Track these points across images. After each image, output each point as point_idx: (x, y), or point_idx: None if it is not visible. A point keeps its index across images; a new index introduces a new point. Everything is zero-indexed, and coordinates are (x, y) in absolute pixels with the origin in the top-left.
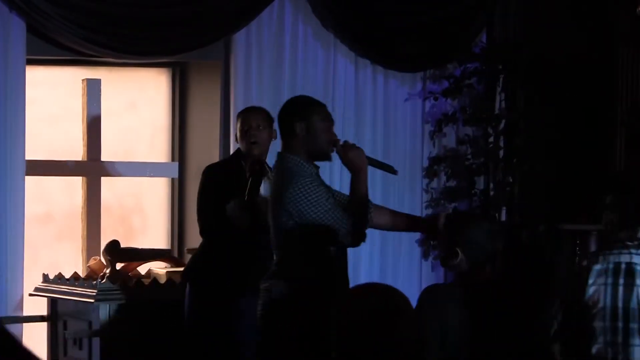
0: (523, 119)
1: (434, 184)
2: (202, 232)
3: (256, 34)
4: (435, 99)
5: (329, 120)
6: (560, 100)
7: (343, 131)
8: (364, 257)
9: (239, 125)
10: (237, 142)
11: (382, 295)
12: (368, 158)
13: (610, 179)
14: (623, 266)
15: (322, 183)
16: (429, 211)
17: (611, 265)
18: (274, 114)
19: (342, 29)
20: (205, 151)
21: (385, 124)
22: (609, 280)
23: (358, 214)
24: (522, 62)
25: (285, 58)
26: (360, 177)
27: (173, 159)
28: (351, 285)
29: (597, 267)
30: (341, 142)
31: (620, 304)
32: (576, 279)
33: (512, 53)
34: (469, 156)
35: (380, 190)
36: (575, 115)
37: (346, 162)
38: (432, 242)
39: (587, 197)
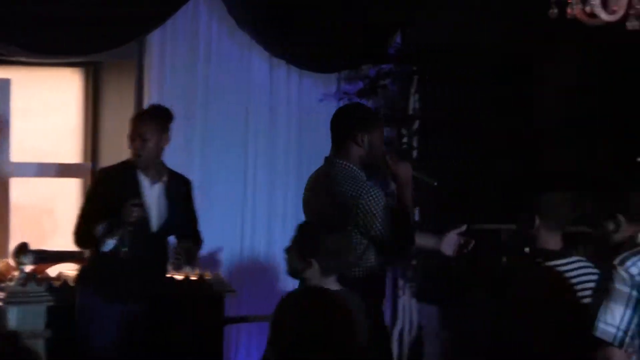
0: (437, 120)
1: None
2: (73, 238)
3: (170, 34)
4: (350, 99)
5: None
6: (475, 100)
7: (257, 131)
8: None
9: (129, 129)
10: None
11: (318, 298)
12: (413, 170)
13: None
14: None
15: None
16: None
17: None
18: (187, 114)
19: (257, 29)
20: (118, 152)
21: (300, 124)
22: None
23: (403, 224)
24: (436, 63)
25: (199, 58)
26: (407, 189)
27: (85, 160)
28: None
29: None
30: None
31: None
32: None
33: (426, 54)
34: None
35: (294, 191)
36: (491, 116)
37: (395, 174)
38: None
39: (504, 196)
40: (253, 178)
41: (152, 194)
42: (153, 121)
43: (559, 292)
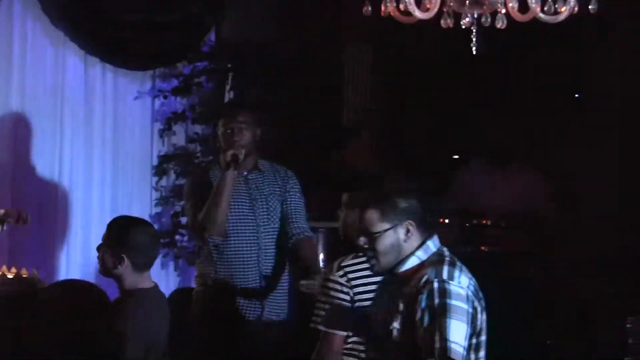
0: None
1: (164, 182)
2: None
3: None
4: (165, 97)
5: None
6: (289, 98)
7: (72, 129)
8: None
9: None
10: None
11: (80, 291)
12: None
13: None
14: None
15: None
16: (159, 209)
17: None
18: (2, 111)
19: (72, 26)
20: None
21: (115, 122)
22: None
23: None
24: (250, 60)
25: (13, 55)
26: None
27: None
28: None
29: None
30: None
31: None
32: None
33: (240, 51)
34: (199, 154)
35: (110, 188)
36: (304, 113)
37: None
38: None
39: (318, 196)
40: (69, 177)
41: None
42: None
43: None
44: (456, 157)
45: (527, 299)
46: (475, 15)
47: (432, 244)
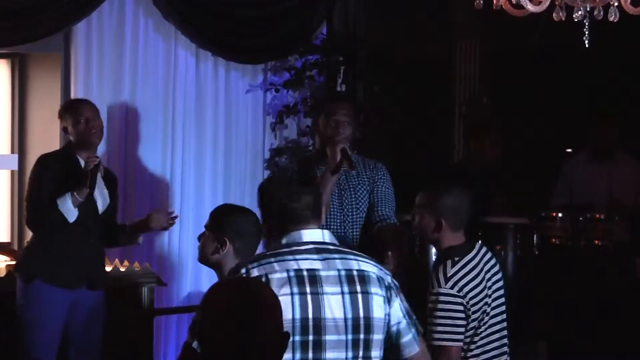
0: (363, 111)
1: None
2: (31, 224)
3: (97, 26)
4: (277, 90)
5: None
6: (401, 91)
7: (184, 124)
8: None
9: (70, 118)
10: (69, 134)
11: (245, 288)
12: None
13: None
14: None
15: None
16: None
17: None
18: (115, 105)
19: (183, 21)
20: (46, 143)
21: (227, 116)
22: (295, 290)
23: None
24: (362, 53)
25: (126, 50)
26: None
27: (13, 151)
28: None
29: (276, 275)
30: None
31: (310, 315)
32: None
33: (351, 45)
34: (310, 147)
35: (222, 182)
36: (416, 107)
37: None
38: None
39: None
40: (180, 170)
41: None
42: (92, 106)
43: None
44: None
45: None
46: (588, 8)
47: None
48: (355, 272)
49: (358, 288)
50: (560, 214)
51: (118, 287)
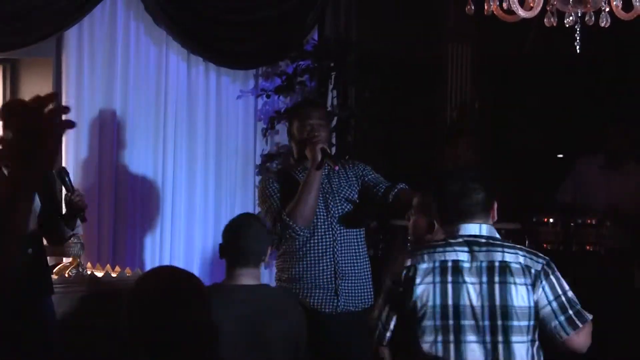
0: (355, 116)
1: None
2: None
3: (88, 31)
4: (268, 96)
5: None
6: (392, 97)
7: (176, 129)
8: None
9: None
10: None
11: (172, 277)
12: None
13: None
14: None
15: None
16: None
17: (437, 264)
18: (106, 109)
19: (174, 26)
20: None
21: (218, 121)
22: (437, 279)
23: None
24: (353, 59)
25: (117, 55)
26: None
27: None
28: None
29: (424, 266)
30: None
31: (450, 302)
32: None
33: (342, 50)
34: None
35: (213, 187)
36: (406, 112)
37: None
38: None
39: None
40: (172, 175)
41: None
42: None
43: None
44: (560, 156)
45: (630, 298)
46: (579, 14)
47: None
48: (497, 264)
49: (496, 278)
50: (552, 219)
51: (110, 293)
